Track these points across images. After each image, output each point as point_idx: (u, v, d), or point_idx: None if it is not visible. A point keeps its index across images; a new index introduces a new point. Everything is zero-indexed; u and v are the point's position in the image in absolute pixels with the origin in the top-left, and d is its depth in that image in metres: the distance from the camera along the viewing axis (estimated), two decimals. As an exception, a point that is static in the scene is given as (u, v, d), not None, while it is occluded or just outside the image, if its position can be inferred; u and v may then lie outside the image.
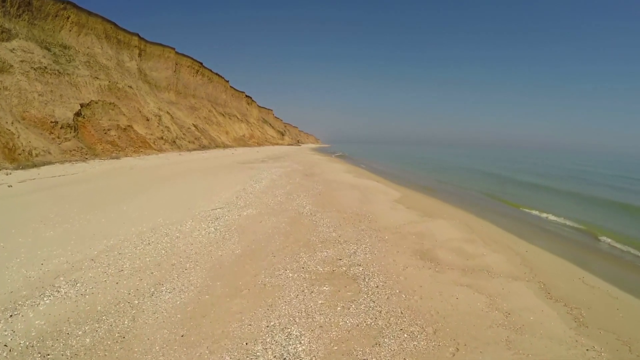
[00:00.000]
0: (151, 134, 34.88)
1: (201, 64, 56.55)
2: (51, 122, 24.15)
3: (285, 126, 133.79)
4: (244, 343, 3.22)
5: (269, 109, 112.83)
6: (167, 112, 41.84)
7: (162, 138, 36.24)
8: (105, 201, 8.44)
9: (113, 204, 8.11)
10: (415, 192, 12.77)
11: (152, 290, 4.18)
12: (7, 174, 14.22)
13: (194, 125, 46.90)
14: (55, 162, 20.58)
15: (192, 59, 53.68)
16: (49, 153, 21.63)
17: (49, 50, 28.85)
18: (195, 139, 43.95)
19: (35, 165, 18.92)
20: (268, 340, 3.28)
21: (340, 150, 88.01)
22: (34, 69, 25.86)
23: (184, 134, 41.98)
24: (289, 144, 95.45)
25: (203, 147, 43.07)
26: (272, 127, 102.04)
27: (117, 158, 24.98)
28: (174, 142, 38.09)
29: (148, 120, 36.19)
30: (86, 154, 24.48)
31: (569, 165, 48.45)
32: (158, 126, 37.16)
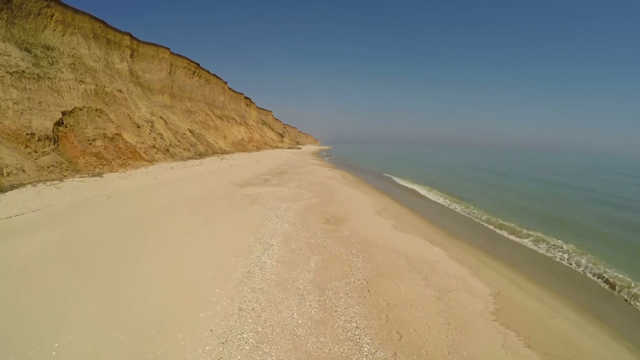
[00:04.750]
0: (142, 143, 31.22)
1: (198, 64, 52.57)
2: (27, 134, 20.54)
3: (284, 127, 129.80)
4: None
5: (268, 110, 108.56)
6: (161, 117, 38.12)
7: (154, 147, 32.57)
8: (8, 328, 4.96)
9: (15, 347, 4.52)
10: (504, 280, 8.05)
11: None
12: None
13: (190, 131, 43.18)
14: (28, 184, 17.01)
15: (188, 59, 49.68)
16: (23, 171, 18.07)
17: (29, 51, 25.11)
18: (191, 145, 40.29)
19: (0, 190, 15.48)
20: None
21: (344, 154, 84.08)
22: (10, 74, 22.16)
23: (178, 140, 38.31)
24: (289, 147, 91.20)
25: (199, 155, 39.43)
26: (272, 129, 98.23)
27: (100, 175, 21.37)
28: (168, 150, 34.44)
29: (139, 127, 32.49)
30: (66, 170, 20.90)
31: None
32: (150, 133, 33.49)
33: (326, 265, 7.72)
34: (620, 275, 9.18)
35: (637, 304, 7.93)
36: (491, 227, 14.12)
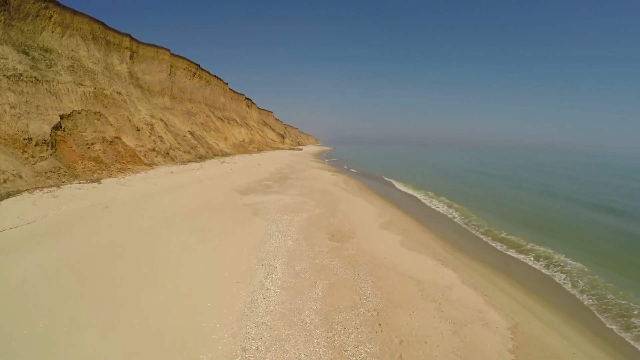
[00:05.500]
0: (142, 146, 30.80)
1: (198, 65, 52.12)
2: (24, 138, 20.13)
3: (285, 128, 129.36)
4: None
5: (269, 111, 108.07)
6: (161, 119, 37.70)
7: (154, 150, 32.15)
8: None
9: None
10: (520, 308, 7.49)
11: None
12: None
13: (190, 133, 42.76)
14: (25, 191, 16.61)
15: (188, 60, 49.24)
16: (20, 177, 17.66)
17: (27, 54, 24.67)
18: (192, 148, 39.87)
19: (-4, 198, 15.08)
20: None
21: (344, 155, 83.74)
22: (7, 77, 21.74)
23: (178, 143, 37.90)
24: (290, 148, 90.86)
25: (200, 157, 39.02)
26: (273, 130, 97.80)
27: (98, 181, 20.91)
28: (168, 153, 34.03)
29: (139, 130, 32.07)
30: (64, 176, 20.50)
31: None
32: (150, 136, 33.07)
33: (333, 292, 7.30)
34: (622, 302, 8.69)
35: (628, 334, 7.39)
36: (492, 241, 13.67)
